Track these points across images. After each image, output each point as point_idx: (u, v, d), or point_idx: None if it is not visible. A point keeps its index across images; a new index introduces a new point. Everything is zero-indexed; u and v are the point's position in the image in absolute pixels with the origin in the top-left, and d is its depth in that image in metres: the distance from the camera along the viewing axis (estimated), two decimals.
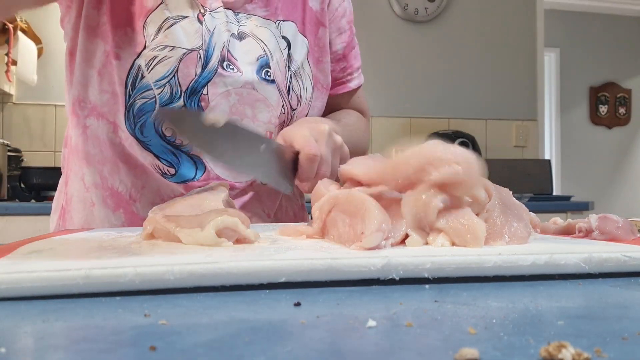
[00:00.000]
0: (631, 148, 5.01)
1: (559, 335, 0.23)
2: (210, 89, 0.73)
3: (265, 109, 0.76)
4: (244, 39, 0.77)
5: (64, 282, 0.31)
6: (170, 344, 0.22)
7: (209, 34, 0.73)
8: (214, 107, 0.73)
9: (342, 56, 0.90)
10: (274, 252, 0.38)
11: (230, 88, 0.74)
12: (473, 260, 0.36)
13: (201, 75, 0.72)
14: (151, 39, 0.70)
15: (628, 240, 0.49)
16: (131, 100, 0.71)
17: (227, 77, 0.73)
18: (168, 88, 0.71)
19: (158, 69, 0.70)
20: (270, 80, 0.77)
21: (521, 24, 3.09)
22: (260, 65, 0.76)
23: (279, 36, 0.80)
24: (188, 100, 0.72)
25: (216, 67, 0.73)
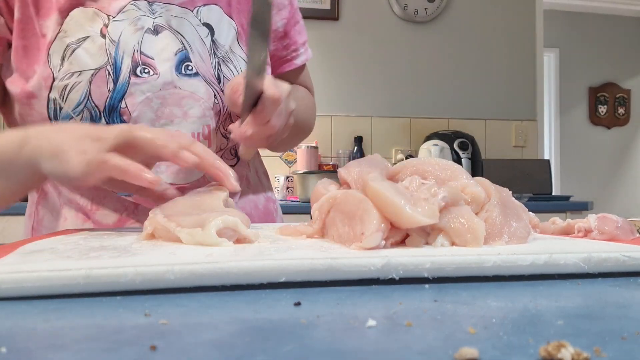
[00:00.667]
0: (630, 148, 5.02)
1: (559, 334, 0.23)
2: (128, 101, 0.71)
3: (195, 103, 0.74)
4: (160, 32, 0.74)
5: (65, 282, 0.31)
6: (170, 344, 0.22)
7: (114, 45, 0.71)
8: (137, 117, 0.71)
9: (283, 33, 0.88)
10: (274, 252, 0.38)
11: (149, 94, 0.72)
12: (473, 260, 0.36)
13: (114, 91, 0.70)
14: (58, 69, 0.69)
15: (627, 240, 0.49)
16: None
17: (142, 84, 0.71)
18: (87, 112, 0.70)
19: (72, 96, 0.69)
20: (193, 74, 0.74)
21: (521, 24, 3.09)
22: (180, 60, 0.74)
23: (199, 24, 0.77)
24: (109, 118, 0.71)
25: (128, 77, 0.71)
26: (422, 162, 0.52)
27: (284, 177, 2.63)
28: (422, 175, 0.50)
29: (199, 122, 0.74)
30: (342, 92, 2.88)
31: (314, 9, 2.83)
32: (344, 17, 2.89)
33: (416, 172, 0.51)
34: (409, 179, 0.47)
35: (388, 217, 0.41)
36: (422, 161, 0.52)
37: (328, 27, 2.85)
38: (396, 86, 2.94)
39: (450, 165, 0.51)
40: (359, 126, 2.89)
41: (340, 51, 2.88)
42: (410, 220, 0.40)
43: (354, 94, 2.91)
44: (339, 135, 2.89)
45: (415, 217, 0.40)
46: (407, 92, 2.96)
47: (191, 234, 0.43)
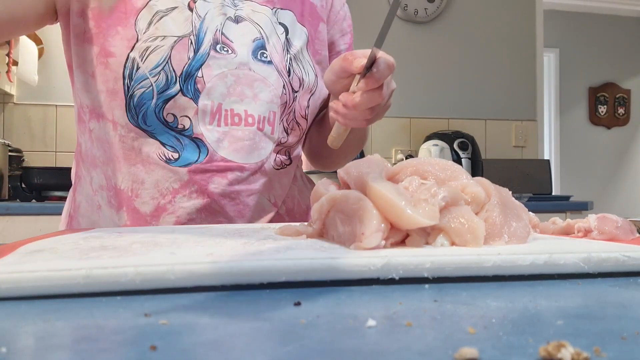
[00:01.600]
0: (630, 148, 5.02)
1: (558, 334, 0.23)
2: (204, 71, 0.74)
3: (266, 88, 0.77)
4: (240, 22, 0.78)
5: (65, 282, 0.31)
6: (170, 344, 0.22)
7: (200, 20, 0.75)
8: (211, 88, 0.74)
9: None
10: (274, 252, 0.38)
11: (226, 70, 0.75)
12: (472, 260, 0.36)
13: (194, 59, 0.73)
14: (143, 32, 0.72)
15: (627, 240, 0.49)
16: (130, 92, 0.73)
17: (220, 59, 0.75)
18: (163, 75, 0.72)
19: (151, 58, 0.72)
20: (267, 61, 0.78)
21: (520, 25, 3.09)
22: (257, 46, 0.78)
23: (276, 22, 0.81)
24: (184, 84, 0.73)
25: (208, 50, 0.74)
26: (422, 162, 0.52)
27: None
28: (422, 176, 0.50)
29: (267, 106, 0.77)
30: None
31: None
32: None
33: (416, 172, 0.51)
34: (408, 179, 0.47)
35: (388, 218, 0.41)
36: (422, 161, 0.52)
37: None
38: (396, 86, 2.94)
39: (450, 165, 0.51)
40: None
41: None
42: (411, 222, 0.40)
43: None
44: None
45: (416, 219, 0.40)
46: (407, 92, 2.96)
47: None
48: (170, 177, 0.75)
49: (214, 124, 0.75)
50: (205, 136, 0.75)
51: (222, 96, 0.75)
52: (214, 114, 0.75)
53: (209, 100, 0.74)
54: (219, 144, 0.75)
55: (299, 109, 0.82)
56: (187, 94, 0.73)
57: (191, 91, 0.73)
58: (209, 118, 0.75)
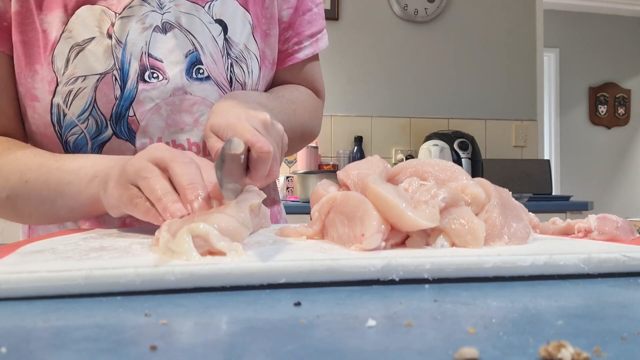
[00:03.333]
0: (630, 148, 5.02)
1: (559, 334, 0.23)
2: (135, 108, 0.67)
3: (207, 109, 0.70)
4: (169, 30, 0.69)
5: (65, 282, 0.31)
6: (170, 344, 0.22)
7: (121, 47, 0.67)
8: (145, 126, 0.68)
9: (287, 24, 0.80)
10: (274, 252, 0.38)
11: (159, 101, 0.68)
12: (473, 261, 0.36)
13: (122, 98, 0.66)
14: (61, 73, 0.65)
15: (627, 241, 0.49)
16: (64, 138, 0.68)
17: (151, 90, 0.67)
18: (92, 120, 0.66)
19: (76, 103, 0.66)
20: (204, 78, 0.70)
21: (521, 24, 3.09)
22: (190, 62, 0.69)
23: (210, 22, 0.71)
24: (116, 127, 0.67)
25: (136, 83, 0.67)
26: (421, 163, 0.52)
27: (284, 177, 2.63)
28: (422, 176, 0.50)
29: None
30: (342, 92, 2.88)
31: None
32: (344, 17, 2.89)
33: (416, 173, 0.51)
34: (408, 180, 0.47)
35: (389, 220, 0.41)
36: (421, 162, 0.52)
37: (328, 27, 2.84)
38: (396, 86, 2.94)
39: (450, 166, 0.51)
40: (359, 126, 2.89)
41: (340, 51, 2.88)
42: (411, 224, 0.40)
43: (354, 94, 2.91)
44: (339, 135, 2.89)
45: (416, 221, 0.40)
46: (407, 92, 2.96)
47: (164, 242, 0.38)
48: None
49: None
50: None
51: (160, 130, 0.68)
52: None
53: (146, 138, 0.68)
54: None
55: None
56: (122, 136, 0.68)
57: (125, 133, 0.67)
58: None
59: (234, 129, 0.54)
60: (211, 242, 0.36)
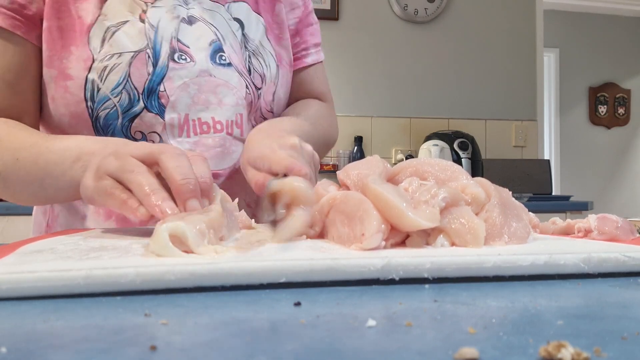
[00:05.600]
0: (630, 148, 5.02)
1: (559, 334, 0.23)
2: (166, 84, 0.73)
3: (229, 92, 0.76)
4: (194, 23, 0.76)
5: (65, 282, 0.31)
6: (170, 344, 0.22)
7: (154, 30, 0.73)
8: (175, 101, 0.73)
9: (295, 32, 0.89)
10: (274, 252, 0.38)
11: (187, 79, 0.74)
12: (473, 261, 0.36)
13: (154, 74, 0.72)
14: (97, 51, 0.71)
15: (627, 240, 0.49)
16: (95, 114, 0.71)
17: (180, 70, 0.74)
18: (125, 94, 0.71)
19: (111, 77, 0.70)
20: (226, 64, 0.77)
21: (521, 24, 3.09)
22: (214, 50, 0.77)
23: (230, 19, 0.80)
24: (147, 101, 0.72)
25: (167, 62, 0.73)
26: (421, 163, 0.52)
27: None
28: (422, 176, 0.50)
29: (233, 110, 0.76)
30: (342, 92, 2.88)
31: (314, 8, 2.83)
32: (344, 17, 2.89)
33: (416, 172, 0.51)
34: (408, 180, 0.47)
35: (389, 220, 0.41)
36: (421, 162, 0.52)
37: (328, 27, 2.85)
38: (396, 86, 2.94)
39: (450, 166, 0.51)
40: (359, 126, 2.89)
41: (340, 51, 2.87)
42: (412, 224, 0.40)
43: (354, 94, 2.91)
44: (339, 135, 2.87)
45: (417, 221, 0.40)
46: (407, 92, 2.96)
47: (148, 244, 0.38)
48: None
49: (183, 135, 0.74)
50: None
51: (187, 107, 0.74)
52: (181, 126, 0.74)
53: (175, 113, 0.73)
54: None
55: (265, 105, 0.81)
56: (152, 110, 0.73)
57: (156, 107, 0.73)
58: (178, 130, 0.74)
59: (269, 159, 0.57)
60: (187, 242, 0.37)
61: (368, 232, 0.39)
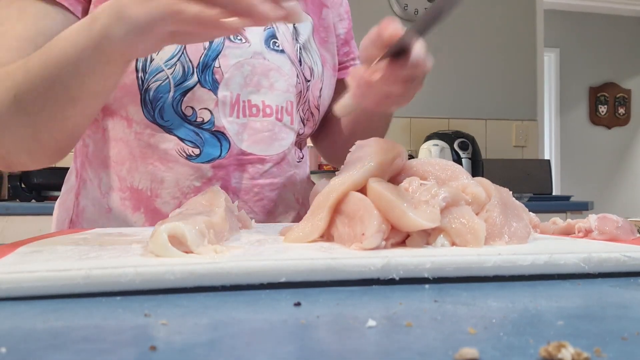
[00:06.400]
0: (631, 148, 5.02)
1: (559, 335, 0.23)
2: (221, 61, 0.72)
3: (281, 77, 0.76)
4: None
5: (64, 282, 0.31)
6: (170, 344, 0.22)
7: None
8: (229, 79, 0.73)
9: (344, 41, 0.91)
10: (274, 252, 0.38)
11: (242, 59, 0.74)
12: (473, 260, 0.36)
13: (210, 49, 0.72)
14: None
15: (628, 240, 0.49)
16: (145, 86, 0.70)
17: (235, 49, 0.73)
18: (179, 66, 0.70)
19: (166, 48, 0.69)
20: (279, 50, 0.77)
21: (521, 24, 3.09)
22: (268, 35, 0.77)
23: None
24: (201, 75, 0.71)
25: (223, 39, 0.73)
26: (422, 163, 0.52)
27: None
28: (422, 176, 0.50)
29: (284, 96, 0.76)
30: None
31: None
32: None
33: (416, 172, 0.51)
34: (408, 180, 0.47)
35: (389, 220, 0.41)
36: (422, 161, 0.52)
37: None
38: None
39: (451, 166, 0.51)
40: None
41: None
42: (412, 224, 0.40)
43: None
44: None
45: (417, 221, 0.40)
46: None
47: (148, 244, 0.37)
48: (191, 174, 0.73)
49: (234, 115, 0.74)
50: (227, 129, 0.73)
51: (239, 87, 0.74)
52: (233, 105, 0.73)
53: (228, 91, 0.73)
54: (239, 137, 0.74)
55: (312, 99, 0.81)
56: (206, 85, 0.72)
57: (209, 82, 0.72)
58: (229, 109, 0.73)
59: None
60: (187, 242, 0.36)
61: (368, 231, 0.39)
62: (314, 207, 0.47)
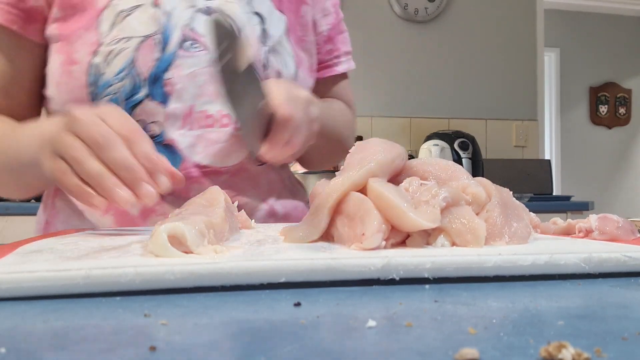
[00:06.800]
0: (631, 148, 5.01)
1: (559, 335, 0.23)
2: (173, 72, 0.70)
3: None
4: (211, 14, 0.74)
5: (64, 282, 0.31)
6: (170, 344, 0.22)
7: (166, 16, 0.71)
8: (181, 90, 0.70)
9: (327, 38, 0.87)
10: (274, 252, 0.38)
11: (196, 68, 0.71)
12: (473, 260, 0.36)
13: (161, 60, 0.70)
14: (105, 35, 0.69)
15: (628, 240, 0.49)
16: (97, 100, 0.70)
17: (190, 58, 0.71)
18: (129, 79, 0.69)
19: (115, 62, 0.68)
20: None
21: (521, 24, 3.09)
22: None
23: (250, 12, 0.77)
24: (151, 88, 0.70)
25: (176, 49, 0.71)
26: (422, 163, 0.52)
27: None
28: (422, 176, 0.50)
29: None
30: None
31: None
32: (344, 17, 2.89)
33: (416, 172, 0.51)
34: (408, 180, 0.47)
35: (390, 220, 0.41)
36: (422, 161, 0.52)
37: None
38: (396, 86, 2.94)
39: (451, 166, 0.51)
40: (359, 126, 2.88)
41: None
42: (412, 225, 0.40)
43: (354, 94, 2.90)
44: None
45: (417, 222, 0.40)
46: (407, 92, 2.96)
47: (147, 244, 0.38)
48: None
49: (186, 127, 0.72)
50: (177, 142, 0.72)
51: (193, 97, 0.71)
52: (185, 117, 0.71)
53: (180, 103, 0.71)
54: (192, 149, 0.72)
55: None
56: (156, 98, 0.70)
57: (159, 95, 0.70)
58: (180, 122, 0.71)
59: (269, 90, 0.56)
60: (187, 242, 0.37)
61: (368, 231, 0.39)
62: (315, 207, 0.47)
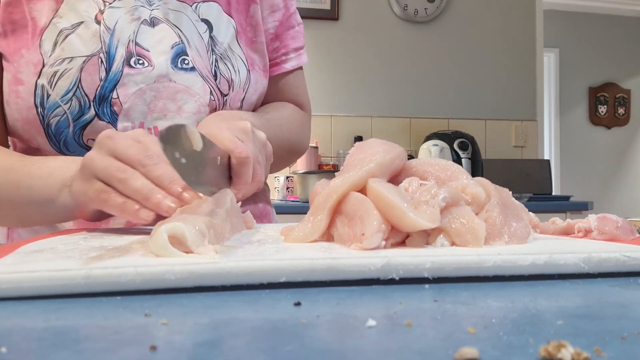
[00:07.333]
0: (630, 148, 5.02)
1: (559, 334, 0.23)
2: (119, 91, 0.69)
3: (190, 98, 0.72)
4: (157, 24, 0.72)
5: (65, 282, 0.31)
6: (170, 344, 0.22)
7: (109, 33, 0.69)
8: (129, 109, 0.69)
9: (274, 35, 0.84)
10: (274, 252, 0.38)
11: (143, 85, 0.69)
12: (473, 260, 0.36)
13: (107, 80, 0.68)
14: (48, 55, 0.67)
15: (627, 240, 0.49)
16: (46, 121, 0.69)
17: (136, 75, 0.69)
18: (75, 101, 0.68)
19: (60, 84, 0.67)
20: (189, 69, 0.72)
21: (520, 24, 3.09)
22: (176, 53, 0.72)
23: (197, 20, 0.75)
24: (99, 108, 0.68)
25: (121, 67, 0.69)
26: (422, 163, 0.52)
27: (284, 177, 2.63)
28: (422, 176, 0.50)
29: (194, 117, 0.72)
30: (342, 92, 2.88)
31: (314, 9, 2.83)
32: (344, 17, 2.89)
33: (416, 172, 0.51)
34: (408, 180, 0.47)
35: (390, 220, 0.41)
36: (422, 162, 0.52)
37: (328, 27, 2.86)
38: (396, 86, 2.94)
39: (450, 166, 0.51)
40: (359, 126, 2.89)
41: (340, 51, 2.88)
42: (412, 225, 0.40)
43: (354, 94, 2.91)
44: (339, 135, 2.89)
45: (417, 222, 0.40)
46: (407, 92, 2.96)
47: (149, 243, 0.37)
48: None
49: None
50: None
51: (142, 115, 0.70)
52: None
53: (129, 121, 0.69)
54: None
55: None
56: (104, 118, 0.69)
57: (108, 114, 0.69)
58: None
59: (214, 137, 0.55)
60: (187, 242, 0.36)
61: (368, 231, 0.39)
62: (314, 207, 0.47)
